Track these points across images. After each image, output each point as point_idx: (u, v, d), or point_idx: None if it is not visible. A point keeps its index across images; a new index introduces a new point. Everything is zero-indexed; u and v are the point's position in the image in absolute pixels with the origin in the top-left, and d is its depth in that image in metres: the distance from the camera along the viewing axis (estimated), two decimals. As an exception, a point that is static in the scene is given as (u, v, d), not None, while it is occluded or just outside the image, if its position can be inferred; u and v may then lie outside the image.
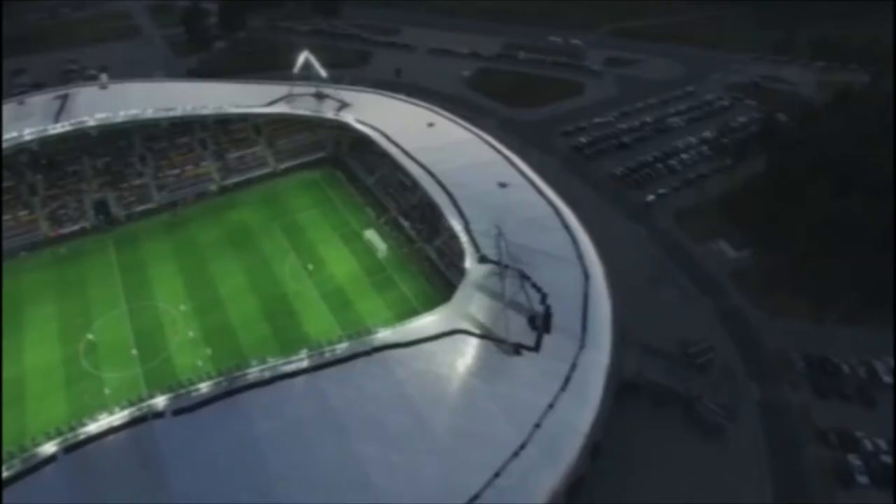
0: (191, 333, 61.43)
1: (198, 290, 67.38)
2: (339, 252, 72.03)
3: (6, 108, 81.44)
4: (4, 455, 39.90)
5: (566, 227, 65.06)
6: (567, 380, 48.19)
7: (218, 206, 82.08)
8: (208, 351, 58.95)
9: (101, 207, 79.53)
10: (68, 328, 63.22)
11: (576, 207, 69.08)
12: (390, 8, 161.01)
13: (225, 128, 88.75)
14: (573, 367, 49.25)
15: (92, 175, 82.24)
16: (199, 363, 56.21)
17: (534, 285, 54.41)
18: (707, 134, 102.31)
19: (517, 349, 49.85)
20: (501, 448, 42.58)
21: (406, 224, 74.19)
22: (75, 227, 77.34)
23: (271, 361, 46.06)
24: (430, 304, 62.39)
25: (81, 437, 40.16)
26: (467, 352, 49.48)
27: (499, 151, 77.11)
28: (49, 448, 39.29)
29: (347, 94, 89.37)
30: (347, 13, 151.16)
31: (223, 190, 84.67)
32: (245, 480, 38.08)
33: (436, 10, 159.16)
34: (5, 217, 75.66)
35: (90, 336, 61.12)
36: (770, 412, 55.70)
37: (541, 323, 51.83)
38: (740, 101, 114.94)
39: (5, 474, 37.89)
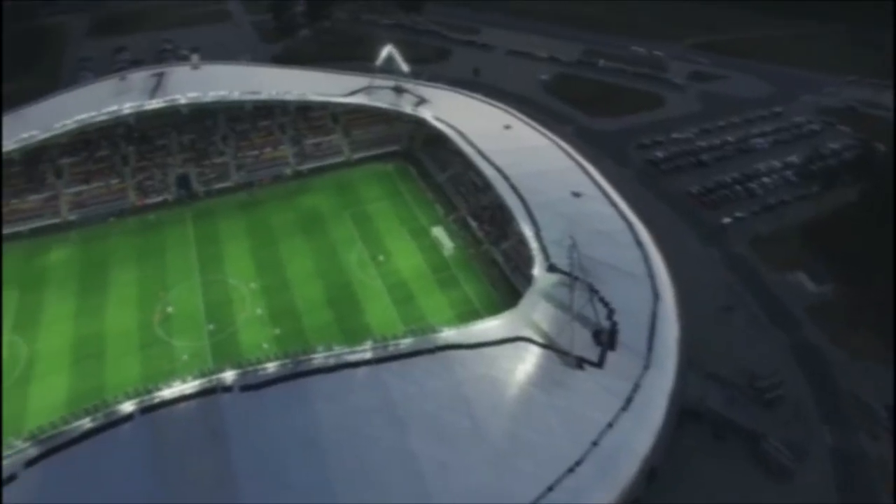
0: (259, 311, 63.39)
1: (266, 269, 69.46)
2: (405, 246, 72.57)
3: (110, 82, 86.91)
4: (89, 407, 42.54)
5: (639, 243, 63.40)
6: (629, 400, 47.00)
7: (291, 190, 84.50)
8: (277, 331, 60.57)
9: (183, 182, 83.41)
10: (146, 294, 66.58)
11: (648, 223, 67.22)
12: (472, 7, 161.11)
13: (305, 114, 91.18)
14: (636, 387, 48.02)
15: (177, 150, 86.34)
16: (265, 345, 57.45)
17: (601, 300, 53.19)
18: (793, 158, 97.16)
19: (580, 363, 48.95)
20: (557, 461, 41.95)
21: (474, 224, 73.99)
22: (158, 199, 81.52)
23: (337, 349, 46.95)
24: (492, 307, 62.43)
25: (156, 400, 42.17)
26: (529, 360, 48.94)
27: (574, 160, 75.91)
28: (128, 406, 41.50)
29: (426, 91, 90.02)
30: (429, 9, 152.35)
31: (297, 174, 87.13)
32: (302, 463, 39.00)
33: (517, 12, 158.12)
34: (98, 184, 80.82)
35: (169, 309, 63.86)
36: (843, 460, 52.21)
37: (606, 339, 50.59)
38: (833, 126, 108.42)
39: (89, 424, 40.36)
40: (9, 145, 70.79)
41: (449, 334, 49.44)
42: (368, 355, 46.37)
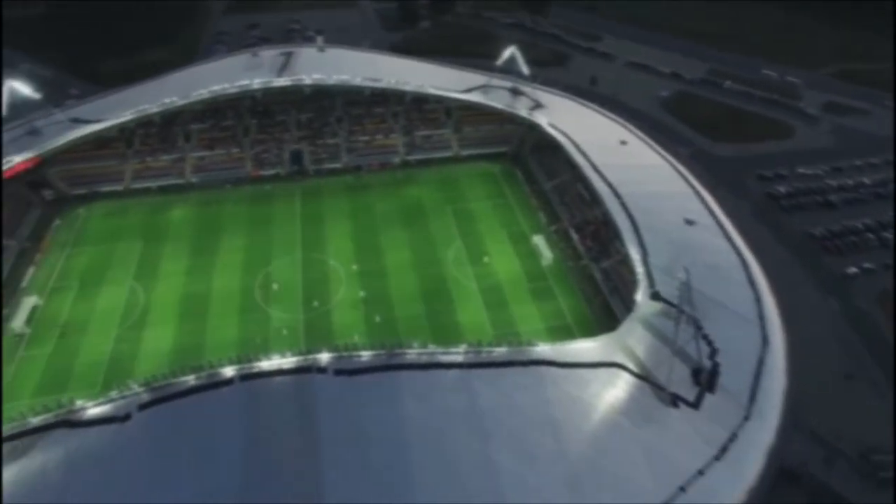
0: (362, 293, 64.89)
1: (365, 254, 71.06)
2: (504, 250, 71.68)
3: (243, 57, 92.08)
4: (194, 365, 45.29)
5: (751, 282, 59.21)
6: (723, 449, 43.99)
7: (397, 179, 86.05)
8: (377, 318, 61.62)
9: (297, 158, 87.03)
10: (251, 261, 70.01)
11: (762, 262, 62.54)
12: (596, 13, 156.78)
13: (419, 105, 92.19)
14: (733, 437, 44.89)
15: (295, 127, 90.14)
16: (356, 336, 58.11)
17: (705, 337, 50.11)
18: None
19: (675, 401, 46.39)
20: (639, 500, 40.14)
21: (575, 238, 71.97)
22: (272, 171, 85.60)
23: (430, 347, 47.17)
24: (584, 325, 61.00)
25: (255, 370, 43.90)
26: (621, 388, 46.81)
27: (691, 185, 72.06)
28: (229, 371, 43.58)
29: (541, 95, 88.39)
30: (553, 12, 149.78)
31: (405, 164, 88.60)
32: (386, 455, 39.23)
33: (642, 23, 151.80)
34: (220, 151, 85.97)
35: (275, 286, 66.37)
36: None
37: (706, 380, 47.62)
38: None
39: (193, 381, 42.88)
40: (151, 108, 77.19)
41: (543, 349, 48.22)
42: (461, 358, 46.01)
